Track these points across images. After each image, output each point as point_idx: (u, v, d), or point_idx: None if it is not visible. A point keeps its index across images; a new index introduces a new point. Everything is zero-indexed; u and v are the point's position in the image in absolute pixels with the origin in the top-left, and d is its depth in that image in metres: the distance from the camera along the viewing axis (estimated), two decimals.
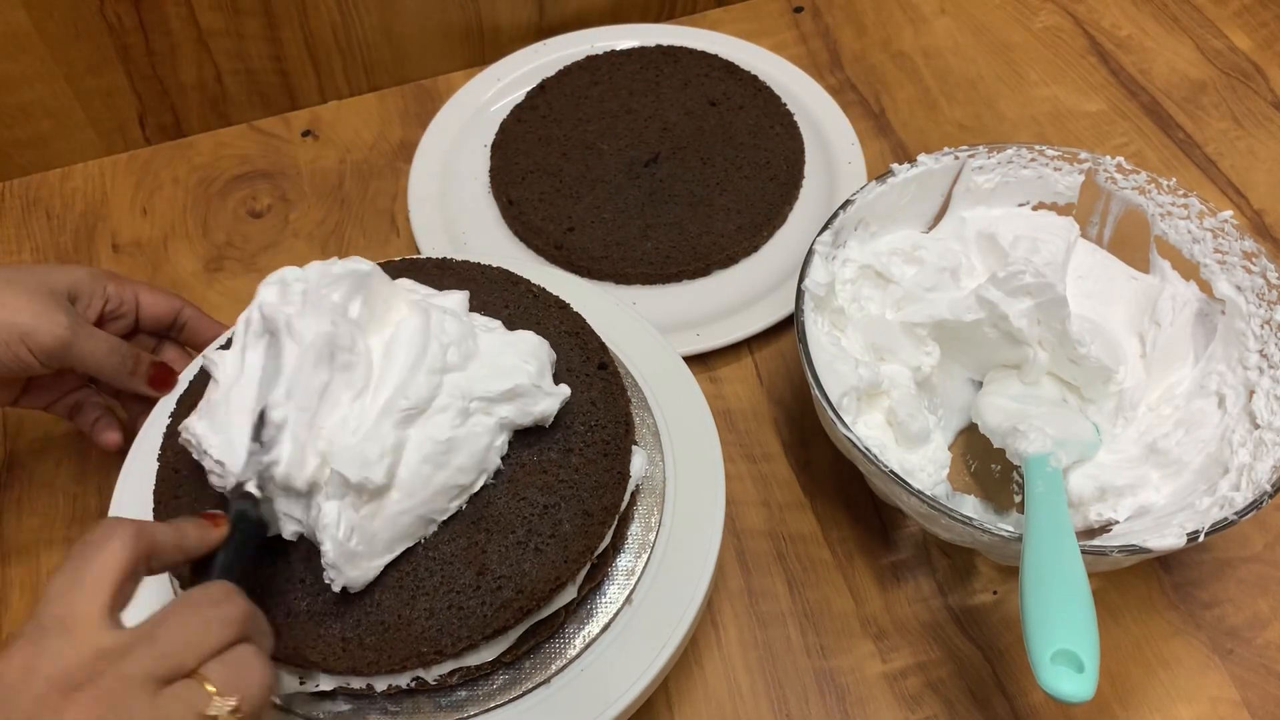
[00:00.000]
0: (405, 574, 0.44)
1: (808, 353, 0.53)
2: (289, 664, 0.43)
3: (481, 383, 0.45)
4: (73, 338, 0.50)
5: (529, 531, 0.45)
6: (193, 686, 0.34)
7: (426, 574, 0.44)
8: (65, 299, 0.51)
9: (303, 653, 0.42)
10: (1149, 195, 0.60)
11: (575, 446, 0.47)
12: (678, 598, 0.48)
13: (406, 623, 0.43)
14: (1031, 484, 0.50)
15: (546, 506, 0.45)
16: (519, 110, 0.77)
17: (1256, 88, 0.80)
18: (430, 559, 0.44)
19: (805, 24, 0.86)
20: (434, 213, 0.72)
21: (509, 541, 0.44)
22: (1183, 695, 0.52)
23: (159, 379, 0.55)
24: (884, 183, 0.60)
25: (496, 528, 0.45)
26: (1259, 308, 0.55)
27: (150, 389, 0.55)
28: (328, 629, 0.43)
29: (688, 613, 0.47)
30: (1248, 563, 0.57)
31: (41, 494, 0.61)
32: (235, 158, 0.78)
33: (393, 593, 0.43)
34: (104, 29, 0.72)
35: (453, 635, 0.42)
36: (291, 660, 0.43)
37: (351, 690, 0.44)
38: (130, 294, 0.56)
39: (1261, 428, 0.52)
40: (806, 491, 0.60)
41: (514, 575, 0.44)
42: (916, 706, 0.52)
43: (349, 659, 0.42)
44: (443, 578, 0.44)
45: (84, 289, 0.53)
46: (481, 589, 0.43)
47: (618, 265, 0.68)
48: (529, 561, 0.44)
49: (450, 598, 0.43)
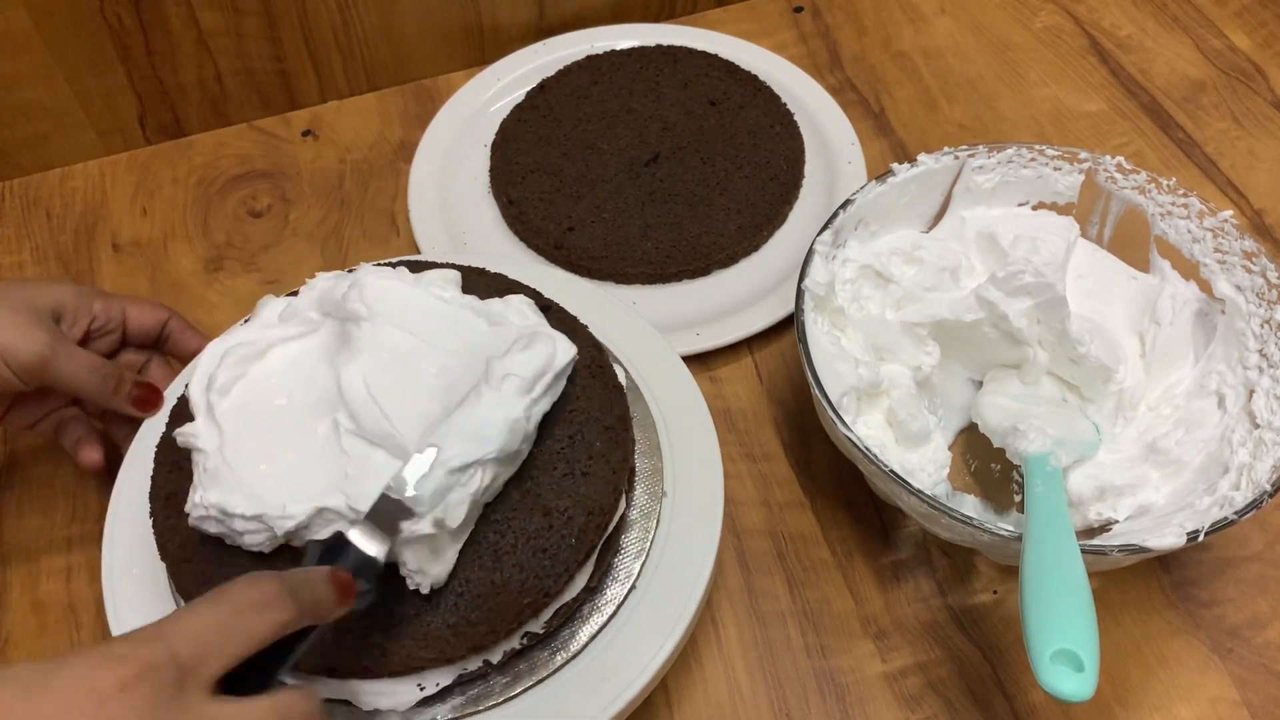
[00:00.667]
0: (480, 547, 0.45)
1: (808, 352, 0.53)
2: (403, 674, 0.44)
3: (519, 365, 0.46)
4: (52, 355, 0.50)
5: (569, 462, 0.47)
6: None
7: (498, 536, 0.45)
8: (49, 317, 0.51)
9: (417, 656, 0.43)
10: (1149, 195, 0.60)
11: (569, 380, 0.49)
12: (677, 597, 0.48)
13: (502, 586, 0.44)
14: (1031, 484, 0.50)
15: (571, 437, 0.48)
16: (519, 110, 0.77)
17: (1256, 88, 0.80)
18: (495, 524, 0.46)
19: (805, 24, 0.86)
20: (434, 213, 0.72)
21: (555, 476, 0.47)
22: (1183, 695, 0.52)
23: (143, 399, 0.54)
24: (884, 183, 0.60)
25: (539, 473, 0.47)
26: (1259, 307, 0.55)
27: (134, 409, 0.54)
28: (430, 626, 0.44)
29: (687, 612, 0.47)
30: (1248, 562, 0.57)
31: (41, 494, 0.61)
32: (235, 158, 0.78)
33: (475, 567, 0.45)
34: (104, 29, 0.72)
35: (550, 575, 0.44)
36: (407, 668, 0.43)
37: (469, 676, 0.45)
38: (117, 309, 0.55)
39: (1261, 427, 0.52)
40: (806, 491, 0.60)
41: (577, 502, 0.46)
42: (916, 706, 0.52)
43: (464, 641, 0.43)
44: (515, 535, 0.45)
45: (69, 306, 0.53)
46: (554, 527, 0.45)
47: (618, 265, 0.68)
48: (584, 487, 0.47)
49: (532, 545, 0.45)
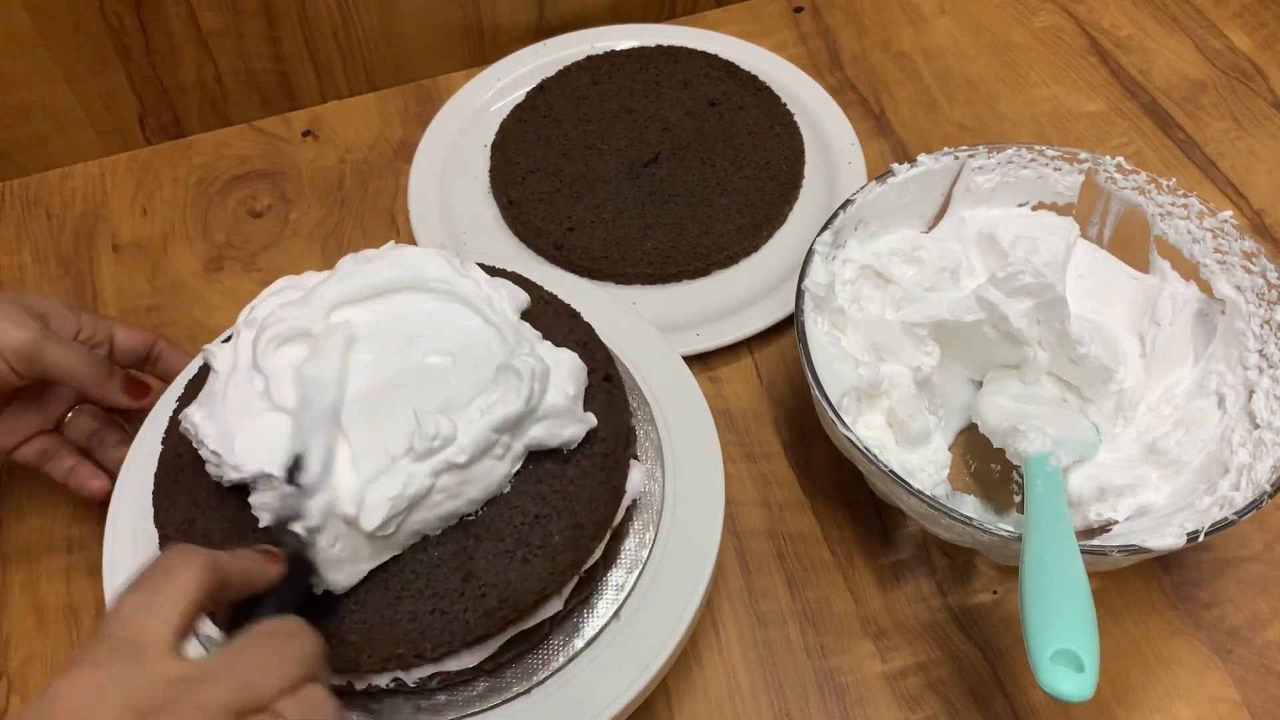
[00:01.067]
0: (392, 575, 0.43)
1: (808, 353, 0.53)
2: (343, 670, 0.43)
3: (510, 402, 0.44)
4: (44, 341, 0.50)
5: (518, 540, 0.44)
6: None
7: (413, 576, 0.43)
8: (36, 315, 0.51)
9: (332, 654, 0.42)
10: (1149, 195, 0.60)
11: (573, 457, 0.46)
12: (678, 597, 0.48)
13: (389, 623, 0.42)
14: (1031, 484, 0.50)
15: (538, 516, 0.45)
16: (519, 110, 0.77)
17: (1256, 88, 0.80)
18: (418, 561, 0.44)
19: (805, 24, 0.86)
20: (434, 213, 0.72)
21: (497, 549, 0.44)
22: (1183, 695, 0.52)
23: (135, 388, 0.54)
24: (884, 183, 0.60)
25: (486, 534, 0.44)
26: (1259, 308, 0.55)
27: (126, 398, 0.54)
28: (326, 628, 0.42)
29: (687, 612, 0.47)
30: (1248, 563, 0.57)
31: (41, 494, 0.61)
32: (235, 158, 0.78)
33: (378, 592, 0.43)
34: (104, 29, 0.72)
35: (433, 640, 0.42)
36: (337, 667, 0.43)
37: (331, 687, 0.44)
38: (104, 327, 0.55)
39: (1261, 427, 0.52)
40: (806, 491, 0.60)
41: (499, 584, 0.43)
42: (916, 706, 0.52)
43: (331, 656, 0.42)
44: (428, 581, 0.43)
45: (57, 313, 0.53)
46: (466, 595, 0.43)
47: (618, 265, 0.68)
48: (515, 571, 0.43)
49: (434, 602, 0.43)
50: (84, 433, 0.57)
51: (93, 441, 0.57)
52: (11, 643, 0.55)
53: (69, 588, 0.57)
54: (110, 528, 0.51)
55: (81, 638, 0.55)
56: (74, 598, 0.57)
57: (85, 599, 0.57)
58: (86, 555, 0.58)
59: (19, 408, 0.54)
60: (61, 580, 0.58)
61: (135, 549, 0.50)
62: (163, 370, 0.58)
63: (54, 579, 0.58)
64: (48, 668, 0.54)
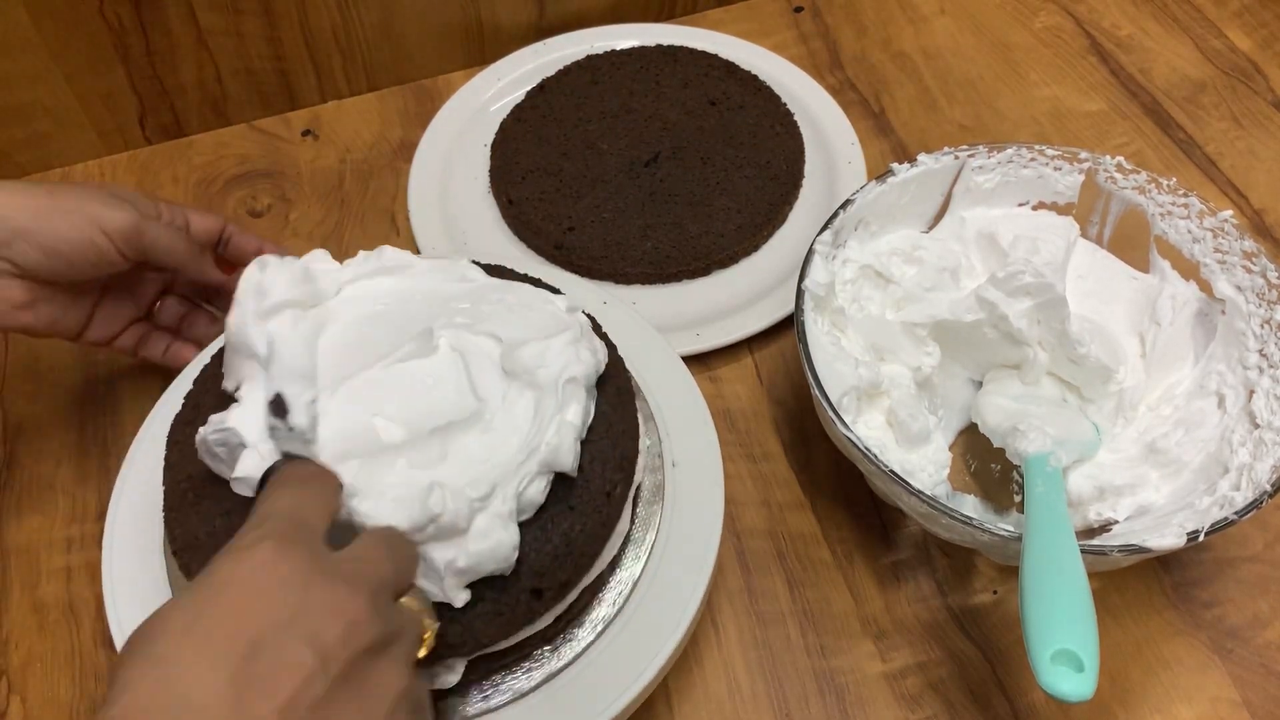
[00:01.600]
0: None
1: (808, 353, 0.53)
2: None
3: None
4: (142, 221, 0.52)
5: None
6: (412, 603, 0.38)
7: None
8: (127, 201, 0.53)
9: None
10: (1149, 195, 0.60)
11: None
12: (678, 597, 0.48)
13: None
14: (1031, 484, 0.50)
15: None
16: (519, 110, 0.77)
17: (1256, 88, 0.80)
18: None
19: (805, 24, 0.86)
20: (434, 213, 0.72)
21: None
22: (1183, 695, 0.52)
23: (224, 264, 0.59)
24: (884, 182, 0.60)
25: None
26: (1259, 307, 0.55)
27: (219, 272, 0.58)
28: None
29: (687, 612, 0.47)
30: (1248, 563, 0.57)
31: (41, 494, 0.61)
32: (235, 158, 0.78)
33: None
34: (104, 29, 0.72)
35: None
36: None
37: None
38: (180, 213, 0.58)
39: (1261, 427, 0.52)
40: (806, 491, 0.60)
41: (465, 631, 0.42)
42: (916, 706, 0.52)
43: None
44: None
45: (140, 201, 0.55)
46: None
47: (617, 265, 0.68)
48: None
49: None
50: (175, 316, 0.60)
51: (183, 324, 0.61)
52: (11, 643, 0.55)
53: (69, 588, 0.57)
54: (110, 527, 0.51)
55: (81, 637, 0.55)
56: (74, 598, 0.57)
57: (85, 599, 0.57)
58: (86, 555, 0.58)
59: (114, 298, 0.57)
60: (61, 580, 0.58)
61: (135, 549, 0.50)
62: (234, 252, 0.60)
63: (54, 579, 0.58)
64: (48, 668, 0.54)
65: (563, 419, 0.43)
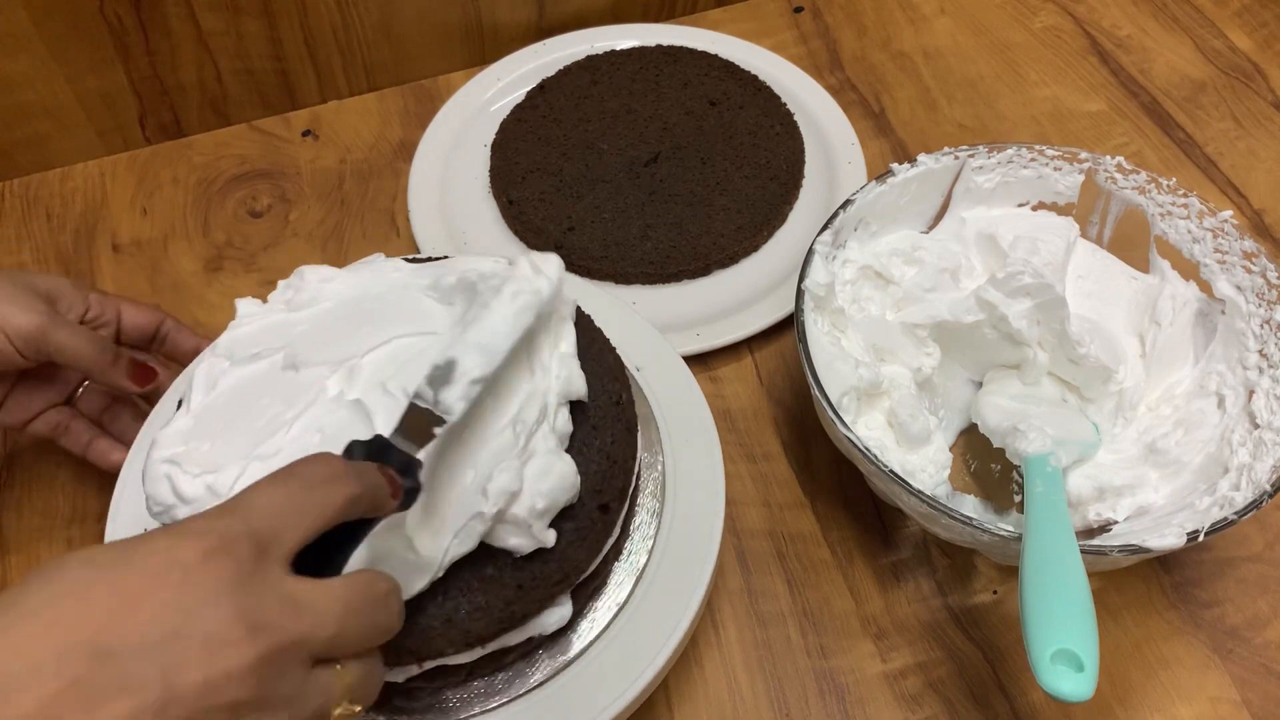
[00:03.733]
0: None
1: (808, 353, 0.53)
2: None
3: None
4: (50, 325, 0.50)
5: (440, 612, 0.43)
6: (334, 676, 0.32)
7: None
8: (44, 297, 0.51)
9: None
10: (1149, 195, 0.60)
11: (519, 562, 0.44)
12: (678, 597, 0.48)
13: None
14: (1031, 484, 0.50)
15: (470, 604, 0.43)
16: (519, 110, 0.77)
17: (1256, 88, 0.80)
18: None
19: (805, 24, 0.86)
20: (434, 213, 0.72)
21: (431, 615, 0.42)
22: (1183, 695, 0.52)
23: (140, 374, 0.54)
24: (884, 183, 0.60)
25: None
26: (1259, 307, 0.55)
27: (130, 383, 0.54)
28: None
29: (687, 612, 0.47)
30: (1248, 563, 0.57)
31: (41, 493, 0.61)
32: (235, 158, 0.78)
33: None
34: (104, 29, 0.72)
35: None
36: None
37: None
38: (112, 306, 0.55)
39: (1261, 428, 0.52)
40: (806, 491, 0.60)
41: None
42: (916, 706, 0.52)
43: None
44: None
45: (65, 294, 0.53)
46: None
47: (618, 265, 0.68)
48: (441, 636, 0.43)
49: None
50: (97, 407, 0.57)
51: (106, 416, 0.57)
52: None
53: None
54: (110, 527, 0.51)
55: None
56: None
57: None
58: None
59: (30, 384, 0.55)
60: None
61: None
62: (170, 350, 0.58)
63: None
64: None
65: (560, 353, 0.46)
